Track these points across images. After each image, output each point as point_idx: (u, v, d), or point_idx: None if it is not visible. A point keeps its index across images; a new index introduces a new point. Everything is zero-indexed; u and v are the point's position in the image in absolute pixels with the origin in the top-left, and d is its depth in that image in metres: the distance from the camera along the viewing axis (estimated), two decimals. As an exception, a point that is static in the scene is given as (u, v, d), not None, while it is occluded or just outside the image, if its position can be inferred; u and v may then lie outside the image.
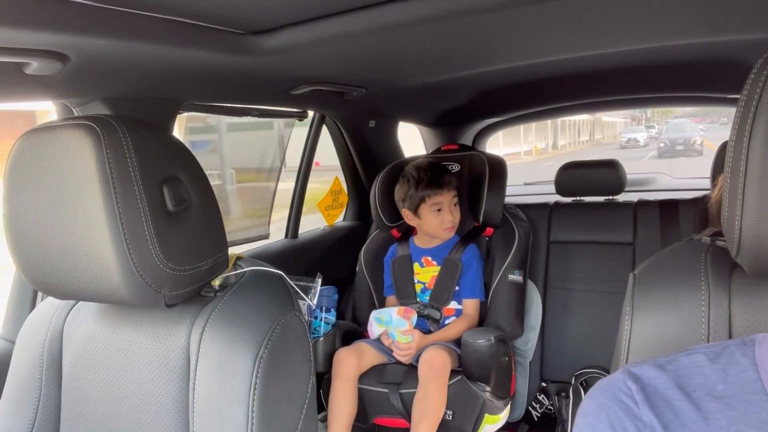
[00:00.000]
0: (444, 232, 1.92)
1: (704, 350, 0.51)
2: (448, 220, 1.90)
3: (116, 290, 0.75)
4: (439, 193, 1.88)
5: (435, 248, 1.98)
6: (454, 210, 1.92)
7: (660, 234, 2.12)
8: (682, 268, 0.73)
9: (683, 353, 0.51)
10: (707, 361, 0.49)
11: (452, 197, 1.91)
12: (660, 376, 0.49)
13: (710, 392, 0.47)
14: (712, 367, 0.49)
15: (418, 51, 1.31)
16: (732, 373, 0.48)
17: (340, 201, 2.43)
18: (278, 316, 0.85)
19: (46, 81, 0.99)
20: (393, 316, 1.80)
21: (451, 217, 1.90)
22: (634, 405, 0.48)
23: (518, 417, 2.11)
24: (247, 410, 0.78)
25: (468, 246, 1.96)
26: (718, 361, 0.49)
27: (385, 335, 1.81)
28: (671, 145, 21.94)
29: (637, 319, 0.72)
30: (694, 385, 0.48)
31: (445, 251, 1.97)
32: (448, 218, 1.90)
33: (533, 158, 23.56)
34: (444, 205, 1.89)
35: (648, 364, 0.51)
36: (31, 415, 0.91)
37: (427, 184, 1.88)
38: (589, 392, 0.52)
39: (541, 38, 1.28)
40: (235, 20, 1.02)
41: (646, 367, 0.50)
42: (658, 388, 0.48)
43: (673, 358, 0.51)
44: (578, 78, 2.04)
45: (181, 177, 0.81)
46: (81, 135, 0.72)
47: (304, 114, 2.07)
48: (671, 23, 1.18)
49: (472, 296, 1.92)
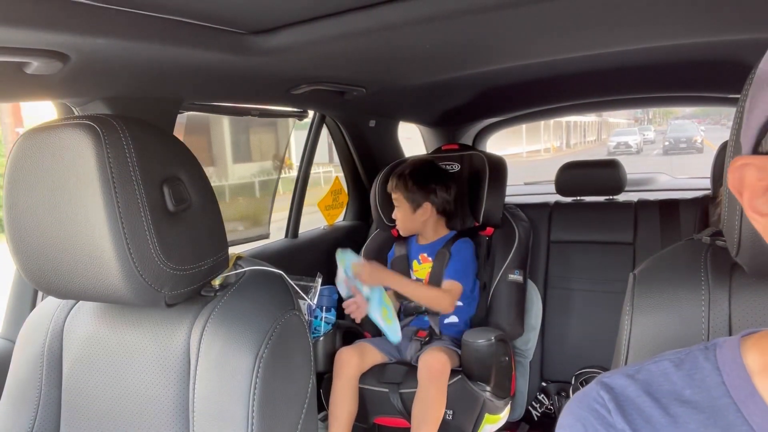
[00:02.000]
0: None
1: (671, 357, 0.52)
2: (394, 215, 1.98)
3: (116, 290, 0.75)
4: (391, 189, 1.97)
5: (430, 244, 1.99)
6: (396, 211, 1.97)
7: (660, 234, 2.12)
8: (682, 268, 0.73)
9: (651, 361, 0.53)
10: (673, 368, 0.51)
11: (393, 198, 1.96)
12: (630, 385, 0.51)
13: (678, 397, 0.49)
14: (678, 374, 0.50)
15: (418, 51, 1.31)
16: (697, 378, 0.49)
17: (341, 201, 2.43)
18: (278, 316, 0.85)
19: (46, 81, 0.99)
20: (347, 255, 1.79)
21: (393, 214, 1.98)
22: (607, 414, 0.49)
23: (518, 417, 2.12)
24: (247, 410, 0.78)
25: (459, 239, 1.96)
26: (683, 367, 0.51)
27: (347, 280, 1.78)
28: (675, 143, 23.81)
29: (637, 318, 0.72)
30: (663, 391, 0.50)
31: (438, 246, 1.97)
32: (396, 214, 1.97)
33: (551, 155, 25.47)
34: (396, 202, 1.97)
35: (619, 374, 0.53)
36: (32, 414, 0.91)
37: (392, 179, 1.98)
38: (566, 404, 0.54)
39: (541, 38, 1.28)
40: (235, 20, 1.02)
41: (617, 377, 0.52)
42: (630, 396, 0.50)
43: (642, 367, 0.53)
44: (579, 78, 2.04)
45: (182, 177, 0.81)
46: (81, 135, 0.72)
47: (304, 114, 2.07)
48: (671, 23, 1.18)
49: (453, 277, 1.88)
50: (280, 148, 3.40)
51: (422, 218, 1.93)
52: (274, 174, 3.73)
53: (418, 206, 1.92)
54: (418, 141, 2.82)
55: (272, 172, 3.83)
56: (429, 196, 1.92)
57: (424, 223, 1.95)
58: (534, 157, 24.24)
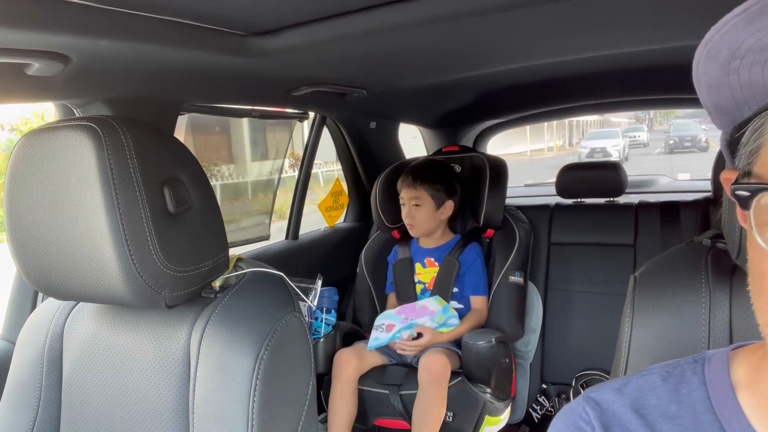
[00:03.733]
0: (408, 226, 1.96)
1: (659, 370, 0.52)
2: (405, 216, 1.95)
3: (117, 291, 0.75)
4: (403, 188, 1.94)
5: (436, 248, 1.99)
6: (413, 210, 1.92)
7: (661, 236, 2.12)
8: (682, 271, 0.73)
9: (640, 375, 0.53)
10: (661, 381, 0.51)
11: (410, 198, 1.93)
12: (617, 401, 0.50)
13: (664, 413, 0.48)
14: (665, 387, 0.50)
15: (419, 53, 1.31)
16: (684, 392, 0.49)
17: (341, 202, 2.43)
18: (279, 318, 0.85)
19: (47, 82, 0.99)
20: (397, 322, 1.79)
21: (408, 214, 1.93)
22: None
23: (519, 419, 2.11)
24: (247, 411, 0.78)
25: (468, 245, 1.96)
26: (670, 381, 0.50)
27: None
28: (680, 141, 23.56)
29: (638, 321, 0.72)
30: (649, 407, 0.49)
31: (445, 251, 1.97)
32: (405, 213, 1.94)
33: (554, 154, 25.85)
34: (404, 201, 1.94)
35: (606, 388, 0.52)
36: (32, 415, 0.91)
37: (402, 177, 1.96)
38: (553, 420, 0.53)
39: (542, 40, 1.28)
40: (236, 22, 1.02)
41: (604, 392, 0.52)
42: (616, 413, 0.50)
43: (630, 380, 0.52)
44: (580, 80, 2.04)
45: (182, 178, 0.81)
46: (82, 136, 0.72)
47: (305, 115, 2.07)
48: (674, 25, 1.18)
49: (477, 293, 1.93)
50: (295, 146, 3.44)
51: (443, 216, 1.94)
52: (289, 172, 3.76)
53: (441, 204, 1.92)
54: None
55: (286, 170, 3.85)
56: (452, 194, 1.94)
57: (442, 222, 1.95)
58: (537, 155, 24.45)
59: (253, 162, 6.57)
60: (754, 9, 0.35)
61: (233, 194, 6.12)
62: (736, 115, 0.43)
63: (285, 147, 3.00)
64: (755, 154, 0.41)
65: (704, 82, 0.43)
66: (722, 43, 0.39)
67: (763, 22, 0.36)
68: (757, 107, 0.41)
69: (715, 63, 0.40)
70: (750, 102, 0.41)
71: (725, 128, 0.45)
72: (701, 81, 0.43)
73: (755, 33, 0.36)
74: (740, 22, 0.36)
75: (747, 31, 0.37)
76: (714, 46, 0.39)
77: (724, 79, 0.41)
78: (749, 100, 0.41)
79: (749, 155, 0.42)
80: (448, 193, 1.93)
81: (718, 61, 0.40)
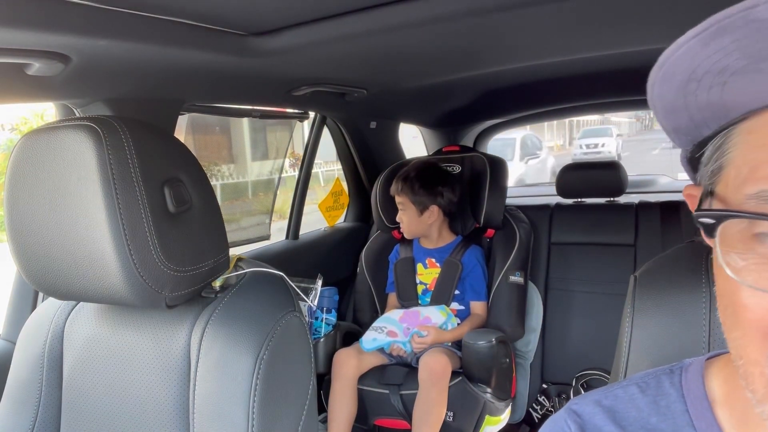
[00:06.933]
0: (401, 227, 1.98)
1: (638, 381, 0.52)
2: (397, 218, 1.97)
3: (117, 291, 0.75)
4: (393, 191, 1.97)
5: (438, 249, 1.99)
6: (401, 214, 1.95)
7: (661, 236, 2.12)
8: (683, 271, 0.73)
9: (619, 385, 0.53)
10: (640, 393, 0.51)
11: (398, 202, 1.95)
12: (598, 413, 0.51)
13: (644, 425, 0.49)
14: (644, 399, 0.50)
15: (419, 53, 1.31)
16: (663, 404, 0.49)
17: (341, 202, 2.43)
18: (279, 318, 0.85)
19: (47, 82, 0.99)
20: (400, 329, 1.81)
21: (398, 217, 1.96)
22: None
23: (519, 419, 2.11)
24: (247, 411, 0.78)
25: (469, 248, 1.96)
26: (648, 393, 0.50)
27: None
28: None
29: (638, 321, 0.72)
30: (629, 419, 0.49)
31: (446, 253, 1.97)
32: (397, 216, 1.97)
33: (555, 153, 25.82)
34: (401, 205, 1.95)
35: (588, 400, 0.52)
36: (32, 415, 0.91)
37: (394, 179, 1.98)
38: (539, 430, 0.53)
39: (542, 40, 1.28)
40: (236, 21, 1.02)
41: (586, 403, 0.52)
42: (597, 425, 0.50)
43: (610, 392, 0.52)
44: (580, 80, 2.04)
45: (182, 178, 0.81)
46: (82, 136, 0.72)
47: (305, 115, 2.07)
48: (676, 25, 1.18)
49: (478, 299, 1.93)
50: (295, 146, 3.45)
51: (429, 221, 1.93)
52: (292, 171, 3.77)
53: (424, 209, 1.92)
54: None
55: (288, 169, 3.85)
56: (436, 199, 1.92)
57: (430, 225, 1.95)
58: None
59: (253, 162, 6.59)
60: (709, 32, 0.35)
61: (233, 194, 6.13)
62: (695, 134, 0.43)
63: (285, 147, 3.00)
64: (717, 174, 0.41)
65: (660, 105, 0.42)
66: (678, 66, 0.38)
67: (720, 43, 0.35)
68: (717, 126, 0.41)
69: (671, 86, 0.40)
70: (709, 122, 0.41)
71: (685, 146, 0.45)
72: (657, 104, 0.42)
73: (712, 55, 0.36)
74: (695, 45, 0.36)
75: (703, 54, 0.36)
76: (669, 69, 0.39)
77: (681, 102, 0.41)
78: (708, 121, 0.41)
79: (711, 175, 0.41)
80: (432, 199, 1.92)
81: (674, 84, 0.40)
